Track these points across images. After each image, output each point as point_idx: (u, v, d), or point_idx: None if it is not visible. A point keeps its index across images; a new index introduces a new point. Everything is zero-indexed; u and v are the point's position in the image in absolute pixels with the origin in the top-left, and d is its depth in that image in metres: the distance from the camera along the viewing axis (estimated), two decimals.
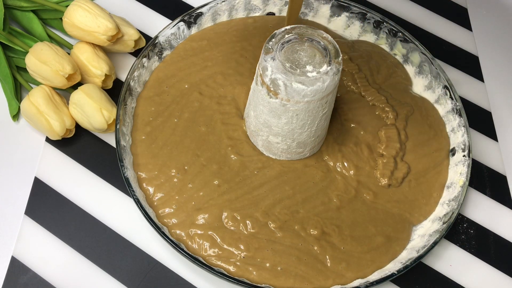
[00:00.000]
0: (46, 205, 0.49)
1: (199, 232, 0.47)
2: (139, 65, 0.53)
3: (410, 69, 0.57)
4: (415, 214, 0.50)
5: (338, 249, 0.47)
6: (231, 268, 0.46)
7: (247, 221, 0.47)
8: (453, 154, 0.52)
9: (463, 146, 0.52)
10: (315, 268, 0.46)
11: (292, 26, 0.46)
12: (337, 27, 0.59)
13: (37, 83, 0.54)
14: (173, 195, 0.48)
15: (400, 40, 0.57)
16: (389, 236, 0.48)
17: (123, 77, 0.56)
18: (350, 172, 0.50)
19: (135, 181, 0.48)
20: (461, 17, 0.64)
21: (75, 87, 0.52)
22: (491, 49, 0.63)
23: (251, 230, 0.47)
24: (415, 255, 0.46)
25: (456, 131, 0.53)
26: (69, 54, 0.53)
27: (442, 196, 0.51)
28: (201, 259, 0.45)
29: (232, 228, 0.47)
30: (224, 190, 0.48)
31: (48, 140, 0.53)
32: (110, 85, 0.55)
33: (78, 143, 0.53)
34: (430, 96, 0.56)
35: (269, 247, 0.46)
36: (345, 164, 0.51)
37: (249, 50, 0.56)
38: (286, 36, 0.45)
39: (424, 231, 0.49)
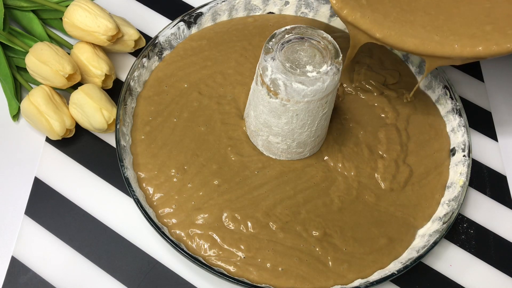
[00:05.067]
0: (46, 205, 0.49)
1: (198, 232, 0.47)
2: (139, 65, 0.53)
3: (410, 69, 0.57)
4: (419, 219, 0.49)
5: (340, 250, 0.47)
6: (231, 268, 0.45)
7: (248, 222, 0.47)
8: (453, 154, 0.52)
9: (463, 146, 0.52)
10: (316, 269, 0.46)
11: (292, 26, 0.46)
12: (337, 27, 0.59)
13: (37, 83, 0.54)
14: (173, 195, 0.48)
15: None
16: (392, 238, 0.48)
17: (123, 77, 0.56)
18: (351, 173, 0.50)
19: (135, 181, 0.48)
20: None
21: (75, 87, 0.52)
22: None
23: (252, 231, 0.47)
24: (415, 255, 0.46)
25: (456, 131, 0.53)
26: (69, 54, 0.53)
27: (443, 196, 0.51)
28: (201, 259, 0.45)
29: (232, 228, 0.47)
30: (224, 190, 0.48)
31: (48, 140, 0.53)
32: (110, 85, 0.55)
33: (78, 143, 0.53)
34: (430, 96, 0.56)
35: (270, 248, 0.46)
36: (346, 164, 0.50)
37: (249, 49, 0.56)
38: (286, 36, 0.45)
39: (424, 231, 0.48)
